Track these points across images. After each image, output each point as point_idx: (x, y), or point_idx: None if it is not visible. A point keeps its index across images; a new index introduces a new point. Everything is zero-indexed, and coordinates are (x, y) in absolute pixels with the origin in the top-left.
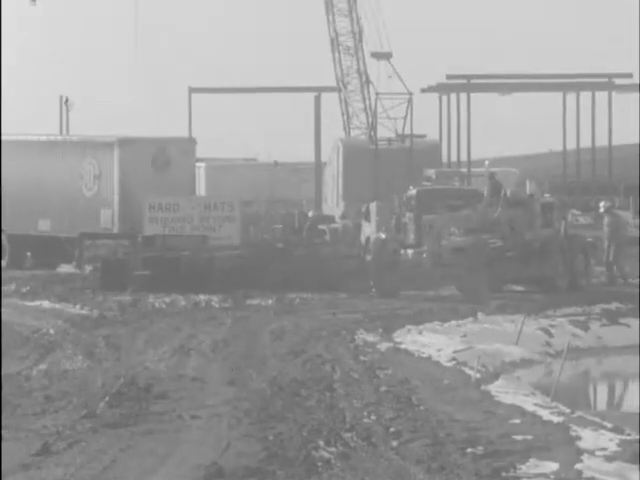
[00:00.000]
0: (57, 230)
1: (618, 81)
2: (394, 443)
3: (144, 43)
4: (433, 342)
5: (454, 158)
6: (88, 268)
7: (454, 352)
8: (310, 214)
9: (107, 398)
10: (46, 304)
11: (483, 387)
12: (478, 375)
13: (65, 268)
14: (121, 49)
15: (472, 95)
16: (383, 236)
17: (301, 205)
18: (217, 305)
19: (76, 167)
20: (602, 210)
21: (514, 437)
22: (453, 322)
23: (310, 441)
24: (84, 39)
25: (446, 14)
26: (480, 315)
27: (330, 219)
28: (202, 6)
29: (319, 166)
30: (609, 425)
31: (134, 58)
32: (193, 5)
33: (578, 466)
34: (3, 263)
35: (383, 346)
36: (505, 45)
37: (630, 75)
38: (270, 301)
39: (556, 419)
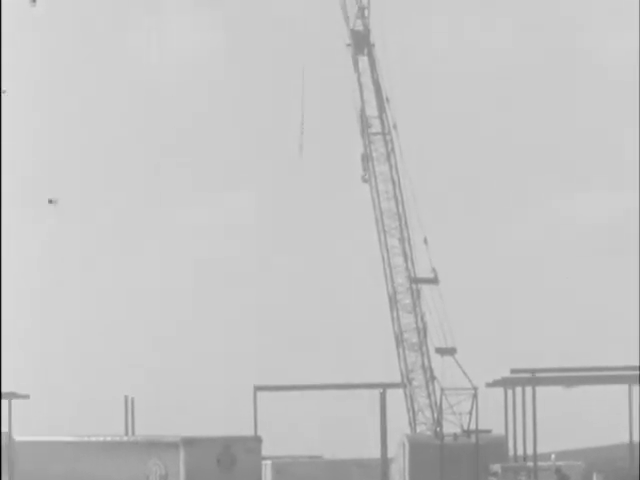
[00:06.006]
0: None
1: None
2: None
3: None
4: None
5: (520, 452)
6: None
7: None
8: None
9: None
10: None
11: None
12: None
13: None
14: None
15: (537, 388)
16: None
17: None
18: None
19: (141, 467)
20: None
21: None
22: None
23: None
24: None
25: (510, 306)
26: None
27: None
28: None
29: (385, 462)
30: None
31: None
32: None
33: None
34: None
35: None
36: (569, 334)
37: None
38: None
39: None
